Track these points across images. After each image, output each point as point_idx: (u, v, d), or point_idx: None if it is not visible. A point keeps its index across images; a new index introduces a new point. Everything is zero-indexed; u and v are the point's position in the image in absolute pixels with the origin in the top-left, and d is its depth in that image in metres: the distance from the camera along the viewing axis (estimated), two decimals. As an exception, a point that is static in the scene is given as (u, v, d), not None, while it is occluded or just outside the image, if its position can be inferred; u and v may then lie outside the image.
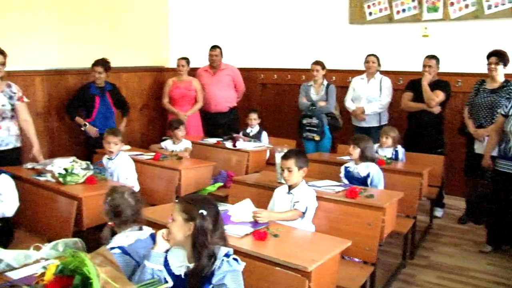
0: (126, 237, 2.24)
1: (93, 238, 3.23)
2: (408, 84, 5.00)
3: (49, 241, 2.57)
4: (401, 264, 3.80)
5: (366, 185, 3.65)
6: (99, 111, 4.96)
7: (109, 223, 2.31)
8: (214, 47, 5.87)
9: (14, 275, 2.15)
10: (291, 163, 3.01)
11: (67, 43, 5.08)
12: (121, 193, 2.39)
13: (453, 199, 5.30)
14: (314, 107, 5.21)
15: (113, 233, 2.39)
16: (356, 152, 3.76)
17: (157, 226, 2.44)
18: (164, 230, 2.03)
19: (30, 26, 4.73)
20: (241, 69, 6.19)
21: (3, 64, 3.84)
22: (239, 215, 2.75)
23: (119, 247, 2.08)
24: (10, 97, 3.92)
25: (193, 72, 5.96)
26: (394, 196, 3.28)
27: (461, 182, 5.10)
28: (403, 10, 5.61)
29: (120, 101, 5.28)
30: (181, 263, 2.00)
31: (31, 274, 2.13)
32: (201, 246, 1.91)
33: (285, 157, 3.08)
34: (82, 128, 4.91)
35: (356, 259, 3.04)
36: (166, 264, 2.01)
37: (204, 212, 1.94)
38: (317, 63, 5.25)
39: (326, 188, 3.34)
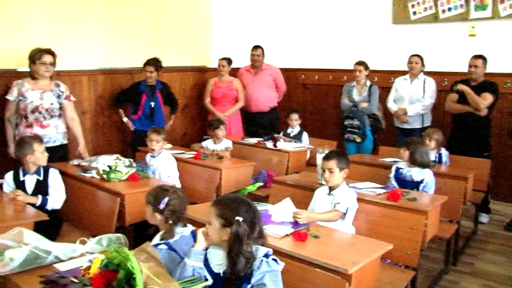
0: (177, 234, 2.29)
1: (134, 234, 3.31)
2: (453, 85, 4.86)
3: (93, 235, 2.64)
4: (444, 270, 3.70)
5: (417, 190, 3.55)
6: (144, 109, 5.09)
7: (170, 221, 2.35)
8: (256, 47, 5.90)
9: (61, 267, 2.23)
10: (332, 164, 2.98)
11: (112, 43, 5.24)
12: (175, 192, 2.44)
13: (500, 205, 5.12)
14: (356, 108, 5.15)
15: (156, 231, 2.43)
16: (406, 154, 3.68)
17: (198, 224, 2.47)
18: (204, 228, 2.05)
19: (78, 28, 4.89)
20: (282, 69, 6.17)
21: (53, 64, 3.97)
22: (279, 215, 2.75)
23: (165, 243, 2.12)
24: (58, 96, 4.05)
25: (234, 72, 6.00)
26: (438, 200, 3.20)
27: (509, 187, 4.93)
28: (449, 9, 5.45)
29: (170, 99, 5.39)
30: (220, 261, 2.01)
31: (77, 267, 2.20)
32: (236, 254, 1.90)
33: (326, 158, 3.05)
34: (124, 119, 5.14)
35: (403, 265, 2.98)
36: (205, 261, 2.03)
37: (240, 219, 1.93)
38: (360, 63, 5.17)
39: (367, 190, 3.29)
